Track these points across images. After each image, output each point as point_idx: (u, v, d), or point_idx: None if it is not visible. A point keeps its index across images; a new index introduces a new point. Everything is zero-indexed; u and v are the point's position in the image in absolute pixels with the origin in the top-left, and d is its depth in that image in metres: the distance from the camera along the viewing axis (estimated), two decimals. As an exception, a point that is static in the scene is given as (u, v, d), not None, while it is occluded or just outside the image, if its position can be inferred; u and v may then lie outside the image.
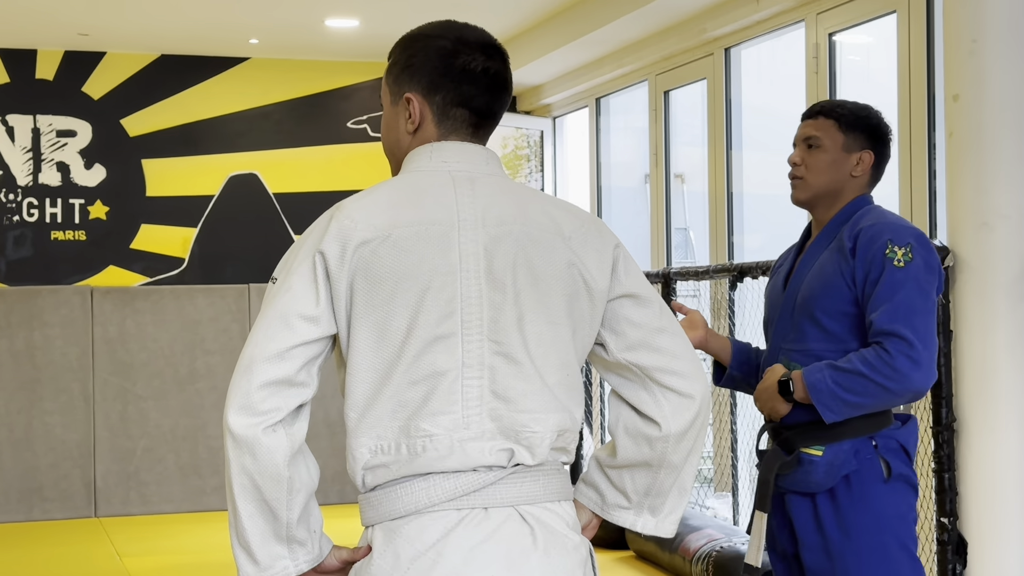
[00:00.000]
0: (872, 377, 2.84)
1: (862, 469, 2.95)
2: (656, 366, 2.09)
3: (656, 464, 2.11)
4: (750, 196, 6.96)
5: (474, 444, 1.99)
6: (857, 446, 2.94)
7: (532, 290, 2.03)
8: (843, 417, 2.89)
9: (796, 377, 2.94)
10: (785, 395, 2.96)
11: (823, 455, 2.94)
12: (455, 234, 2.02)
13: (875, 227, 2.95)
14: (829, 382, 2.88)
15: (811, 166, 3.08)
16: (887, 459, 2.95)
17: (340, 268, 1.99)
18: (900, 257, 2.89)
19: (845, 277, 2.95)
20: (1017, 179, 4.29)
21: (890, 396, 2.86)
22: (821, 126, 3.09)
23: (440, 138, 2.12)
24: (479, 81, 2.09)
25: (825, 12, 5.78)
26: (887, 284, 2.88)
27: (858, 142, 3.07)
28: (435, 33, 2.12)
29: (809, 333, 3.00)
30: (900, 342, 2.83)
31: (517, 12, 7.45)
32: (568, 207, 2.14)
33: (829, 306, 2.97)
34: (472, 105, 2.10)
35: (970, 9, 4.32)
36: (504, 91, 2.12)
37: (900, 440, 2.99)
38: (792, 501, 3.02)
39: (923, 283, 2.90)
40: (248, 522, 1.98)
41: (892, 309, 2.85)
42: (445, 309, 2.00)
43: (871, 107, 3.16)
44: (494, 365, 2.00)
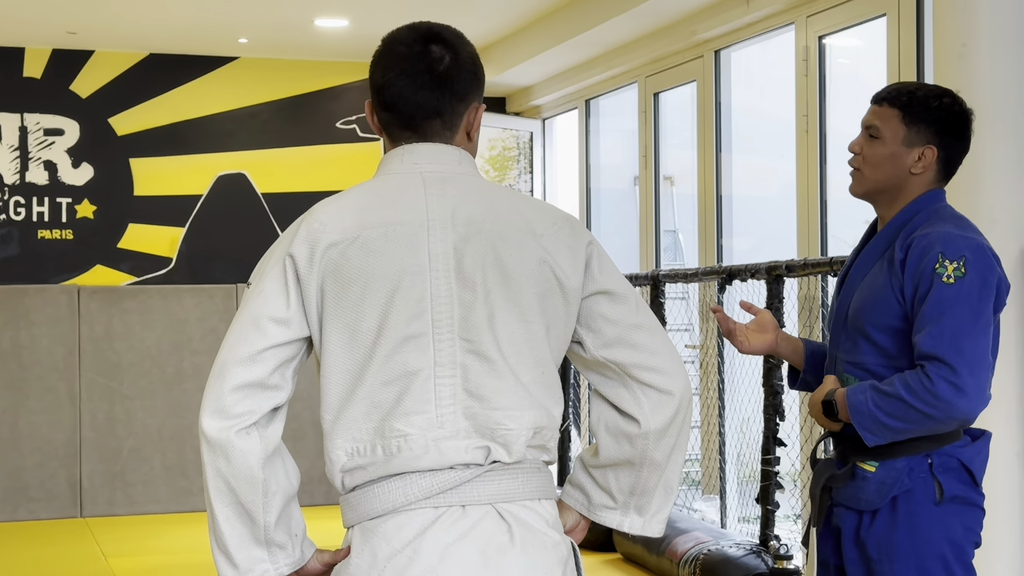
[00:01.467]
0: (912, 403, 2.66)
1: (914, 489, 2.76)
2: (634, 363, 2.08)
3: (638, 462, 2.10)
4: (739, 198, 6.96)
5: (449, 443, 1.99)
6: (912, 464, 2.76)
7: (503, 288, 2.02)
8: (886, 440, 2.72)
9: (839, 397, 2.79)
10: (829, 415, 2.81)
11: (876, 472, 2.78)
12: (424, 234, 2.02)
13: (928, 237, 2.72)
14: (871, 404, 2.71)
15: (868, 158, 2.85)
16: (941, 480, 2.75)
17: (309, 270, 2.00)
18: (951, 273, 2.67)
19: (895, 291, 2.76)
20: (1006, 182, 4.29)
21: (933, 422, 2.67)
22: (884, 115, 2.84)
23: (393, 142, 2.12)
24: (400, 80, 2.07)
25: (815, 15, 5.78)
26: (934, 302, 2.67)
27: (921, 136, 2.81)
28: (385, 37, 2.13)
29: (863, 347, 2.82)
30: (943, 367, 2.63)
31: (506, 13, 7.44)
32: (541, 205, 2.13)
33: (879, 321, 2.78)
34: (396, 107, 2.08)
35: (960, 12, 4.32)
36: (439, 85, 2.07)
37: (962, 459, 2.77)
38: (840, 513, 2.87)
39: (975, 302, 2.67)
40: (225, 525, 1.98)
41: (938, 331, 2.65)
42: (415, 309, 1.99)
43: (947, 93, 2.88)
44: (466, 364, 2.00)
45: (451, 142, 2.11)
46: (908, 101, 2.83)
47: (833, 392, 2.81)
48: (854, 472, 2.81)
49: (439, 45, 2.08)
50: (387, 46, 2.11)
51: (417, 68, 2.06)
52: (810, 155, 5.85)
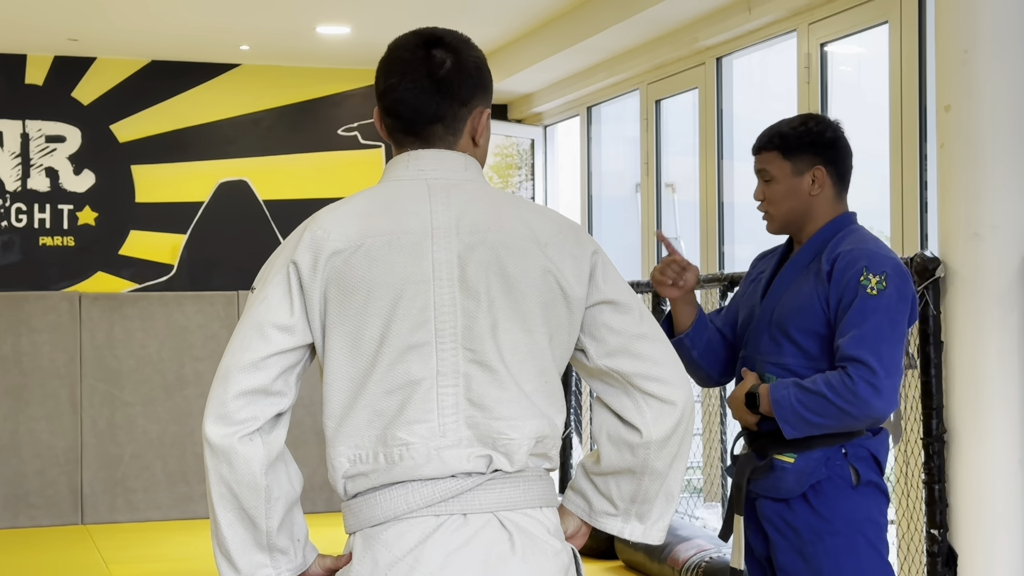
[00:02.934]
0: (833, 400, 2.90)
1: (832, 476, 3.01)
2: (637, 372, 2.08)
3: (640, 471, 2.10)
4: (741, 206, 6.95)
5: (451, 452, 1.99)
6: (828, 454, 3.00)
7: (506, 298, 2.02)
8: (803, 434, 2.96)
9: (763, 391, 3.00)
10: (751, 407, 3.02)
11: (794, 462, 3.00)
12: (428, 242, 2.02)
13: (852, 252, 2.99)
14: (792, 400, 2.94)
15: (770, 199, 3.10)
16: (856, 466, 3.01)
17: (313, 278, 2.00)
18: (874, 285, 2.93)
19: (820, 299, 3.00)
20: (1008, 189, 4.28)
21: (850, 419, 2.92)
22: (766, 159, 3.10)
23: (398, 148, 2.12)
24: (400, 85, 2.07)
25: (817, 22, 5.78)
26: (858, 310, 2.92)
27: (805, 161, 3.07)
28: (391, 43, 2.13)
29: (785, 348, 3.05)
30: (864, 368, 2.89)
31: (508, 20, 7.45)
32: (546, 213, 2.12)
33: (803, 325, 3.02)
34: (398, 112, 2.09)
35: (962, 19, 4.31)
36: (439, 90, 2.07)
37: (871, 449, 3.04)
38: (764, 506, 3.08)
39: (894, 313, 2.94)
40: (228, 531, 1.98)
41: (860, 336, 2.90)
42: (418, 318, 1.99)
43: (811, 118, 3.16)
44: (469, 373, 2.00)
45: (455, 147, 2.10)
46: (780, 139, 3.10)
47: (757, 386, 3.02)
48: (772, 464, 3.03)
49: (441, 49, 2.07)
50: (391, 52, 2.11)
51: (418, 73, 2.06)
52: (812, 162, 5.83)
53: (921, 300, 4.32)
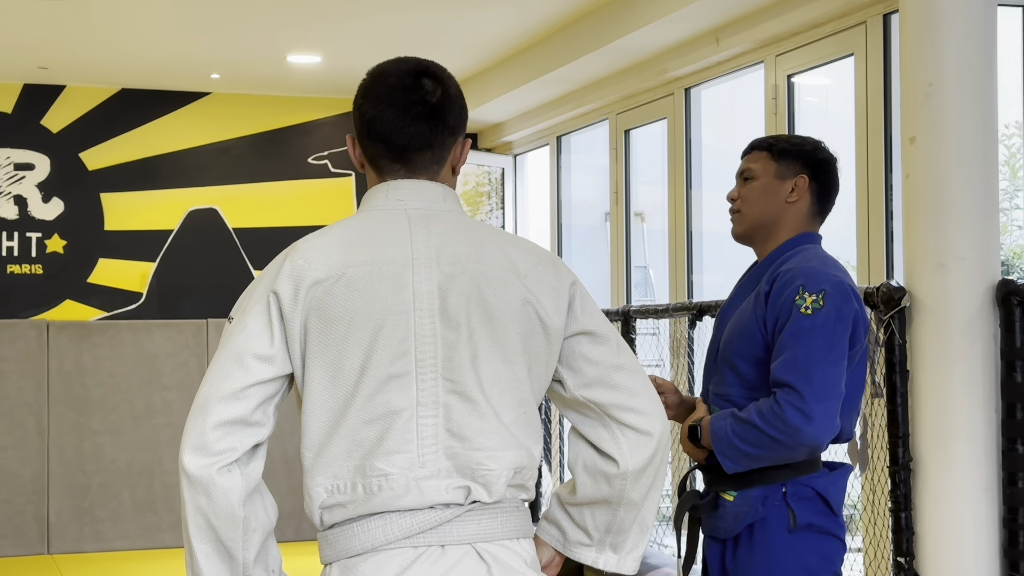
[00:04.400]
0: (764, 429, 2.75)
1: (768, 517, 2.84)
2: (614, 403, 2.09)
3: (616, 501, 2.11)
4: (709, 235, 6.99)
5: (430, 482, 2.00)
6: (767, 493, 2.83)
7: (486, 328, 2.03)
8: (743, 468, 2.81)
9: (704, 424, 2.86)
10: (694, 441, 2.89)
11: (733, 501, 2.85)
12: (409, 273, 2.02)
13: (791, 271, 2.84)
14: (728, 431, 2.80)
15: (746, 197, 3.00)
16: (794, 508, 2.83)
17: (294, 308, 2.00)
18: (809, 304, 2.78)
19: (759, 323, 2.86)
20: (972, 221, 4.30)
21: (784, 448, 2.76)
22: (754, 158, 3.02)
23: (379, 176, 2.12)
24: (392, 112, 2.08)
25: (784, 54, 5.83)
26: (791, 332, 2.77)
27: (791, 168, 2.97)
28: (372, 70, 2.14)
29: (728, 378, 2.92)
30: (792, 394, 2.73)
31: (478, 50, 7.47)
32: (524, 244, 2.14)
33: (745, 352, 2.88)
34: (389, 138, 2.09)
35: (927, 53, 4.34)
36: (432, 117, 2.08)
37: (817, 488, 2.87)
38: (708, 544, 2.94)
39: (830, 334, 2.78)
40: (204, 562, 1.98)
41: (791, 359, 2.75)
42: (399, 348, 2.00)
43: (812, 139, 3.07)
44: (449, 403, 2.01)
45: (438, 176, 2.12)
46: (774, 142, 3.03)
47: (700, 420, 2.89)
48: (716, 502, 2.88)
49: (430, 79, 2.09)
50: (376, 79, 2.11)
51: (411, 99, 2.07)
52: (779, 192, 5.87)
53: (887, 329, 4.35)
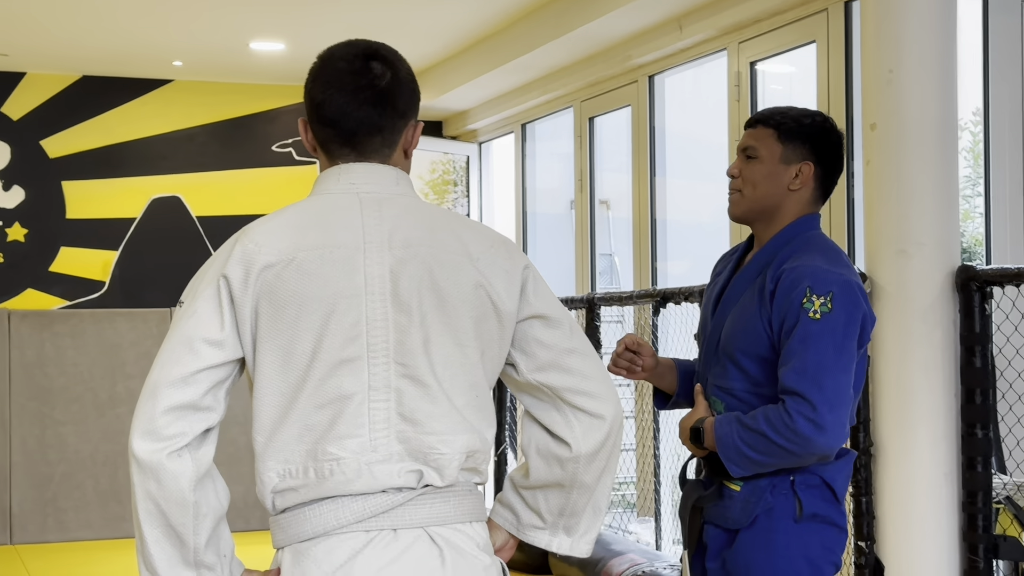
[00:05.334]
0: (773, 439, 2.69)
1: (776, 506, 2.81)
2: (566, 387, 2.10)
3: (568, 484, 2.12)
4: (674, 223, 7.00)
5: (382, 467, 1.99)
6: (775, 482, 2.80)
7: (438, 312, 2.03)
8: (750, 472, 2.77)
9: (707, 427, 2.82)
10: (696, 442, 2.85)
11: (740, 490, 2.82)
12: (360, 257, 2.01)
13: (796, 271, 2.75)
14: (735, 437, 2.75)
15: (747, 178, 2.88)
16: (801, 497, 2.80)
17: (244, 292, 1.99)
18: (817, 308, 2.70)
19: (763, 321, 2.78)
20: (932, 207, 4.32)
21: (794, 457, 2.72)
22: (759, 135, 2.89)
23: (330, 160, 2.12)
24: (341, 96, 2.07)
25: (747, 41, 5.85)
26: (800, 337, 2.69)
27: (798, 153, 2.86)
28: (322, 54, 2.13)
29: (731, 372, 2.86)
30: (803, 403, 2.67)
31: (442, 38, 7.46)
32: (478, 228, 2.13)
33: (748, 349, 2.82)
34: (337, 123, 2.08)
35: (887, 40, 4.35)
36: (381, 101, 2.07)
37: (824, 476, 2.83)
38: (710, 532, 2.91)
39: (840, 338, 2.71)
40: (154, 547, 1.97)
41: (801, 366, 2.68)
42: (350, 332, 1.99)
43: (819, 114, 2.94)
44: (400, 388, 2.00)
45: (389, 159, 2.11)
46: (782, 120, 2.88)
47: (703, 420, 2.84)
48: (721, 491, 2.84)
49: (379, 62, 2.08)
50: (325, 62, 2.10)
51: (359, 84, 2.06)
52: (742, 179, 5.89)
53: (848, 315, 4.36)
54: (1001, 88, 5.03)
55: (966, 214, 9.19)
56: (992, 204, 5.07)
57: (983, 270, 4.26)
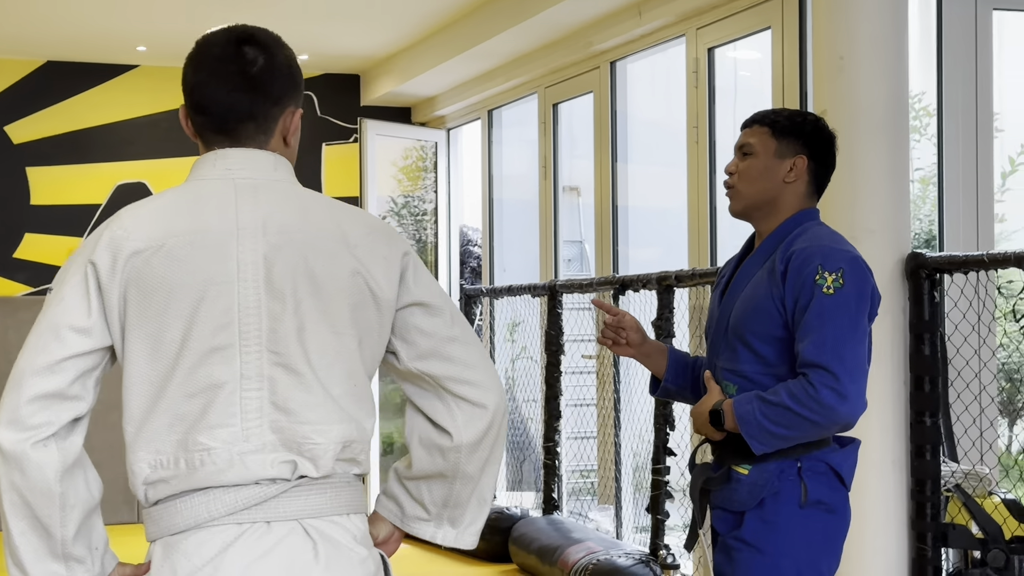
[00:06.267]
0: (797, 411, 2.76)
1: (782, 491, 2.88)
2: (448, 375, 2.07)
3: (451, 475, 2.09)
4: (639, 209, 6.98)
5: (255, 457, 1.96)
6: (783, 467, 2.88)
7: (314, 299, 1.99)
8: (773, 448, 2.83)
9: (727, 408, 2.89)
10: (716, 425, 2.91)
11: (748, 474, 2.89)
12: (233, 243, 1.98)
13: (807, 250, 2.86)
14: (757, 414, 2.81)
15: (743, 174, 3.01)
16: (808, 483, 2.88)
17: (111, 279, 1.96)
18: (830, 284, 2.80)
19: (775, 301, 2.88)
20: (883, 194, 4.32)
21: (818, 428, 2.80)
22: (755, 133, 3.02)
23: (207, 147, 2.09)
24: (211, 82, 2.04)
25: (704, 27, 5.82)
26: (815, 312, 2.80)
27: (791, 147, 2.99)
28: (199, 39, 2.11)
29: (742, 355, 2.94)
30: (825, 375, 2.75)
31: (406, 23, 7.42)
32: (357, 214, 2.10)
33: (760, 330, 2.90)
34: (208, 110, 2.05)
35: (838, 26, 4.34)
36: (252, 87, 2.04)
37: (831, 463, 2.91)
38: (717, 515, 2.98)
39: (853, 312, 2.81)
40: (20, 539, 1.93)
41: (820, 340, 2.77)
42: (221, 319, 1.96)
43: (811, 114, 3.11)
44: (274, 376, 1.97)
45: (266, 146, 2.08)
46: (776, 118, 3.04)
47: (721, 402, 2.92)
48: (729, 475, 2.92)
49: (253, 47, 2.05)
50: (200, 48, 2.08)
51: (229, 70, 2.03)
52: (700, 165, 5.89)
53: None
54: (954, 82, 5.03)
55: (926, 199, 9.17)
56: (945, 193, 5.05)
57: (932, 257, 4.28)
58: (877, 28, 4.34)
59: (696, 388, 3.17)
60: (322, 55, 8.19)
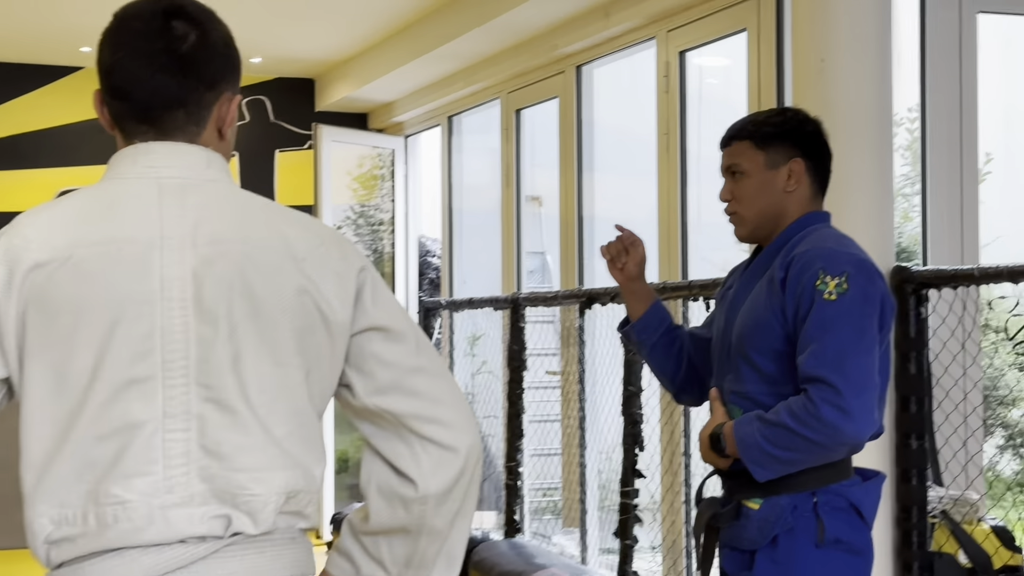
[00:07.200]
0: (798, 431, 2.53)
1: (796, 528, 2.63)
2: (412, 413, 1.76)
3: (415, 530, 1.78)
4: (602, 220, 6.79)
5: (179, 511, 1.66)
6: (796, 502, 2.63)
7: (252, 323, 1.69)
8: (777, 474, 2.60)
9: (727, 432, 2.66)
10: (717, 450, 2.68)
11: (759, 509, 2.65)
12: (156, 255, 1.68)
13: (808, 254, 2.63)
14: (757, 436, 2.58)
15: (740, 197, 2.78)
16: (825, 520, 2.63)
17: (7, 297, 1.66)
18: (832, 289, 2.57)
19: (776, 312, 2.64)
20: (866, 203, 4.17)
21: (823, 450, 2.56)
22: (737, 151, 2.79)
23: (126, 140, 1.78)
24: (133, 61, 1.74)
25: (675, 29, 5.62)
26: (816, 321, 2.56)
27: (782, 153, 2.76)
28: (118, 11, 1.79)
29: (745, 374, 2.70)
30: (826, 389, 2.51)
31: (362, 25, 7.21)
32: (306, 222, 1.79)
33: (762, 345, 2.66)
34: (128, 94, 1.76)
35: (819, 26, 4.21)
36: (181, 68, 1.74)
37: (852, 498, 2.66)
38: (726, 555, 2.74)
39: (859, 318, 2.57)
40: None
41: (820, 351, 2.53)
42: (141, 347, 1.66)
43: (788, 109, 2.89)
44: (203, 414, 1.67)
45: (198, 139, 1.78)
46: (753, 128, 2.80)
47: (721, 426, 2.68)
48: (739, 511, 2.69)
49: (183, 21, 1.74)
50: (119, 21, 1.76)
51: (155, 47, 1.73)
52: (671, 175, 5.68)
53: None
54: (937, 87, 4.87)
55: (905, 214, 9.05)
56: (929, 204, 4.90)
57: (919, 271, 4.10)
58: (860, 27, 4.21)
59: (658, 354, 2.97)
60: (275, 58, 8.00)
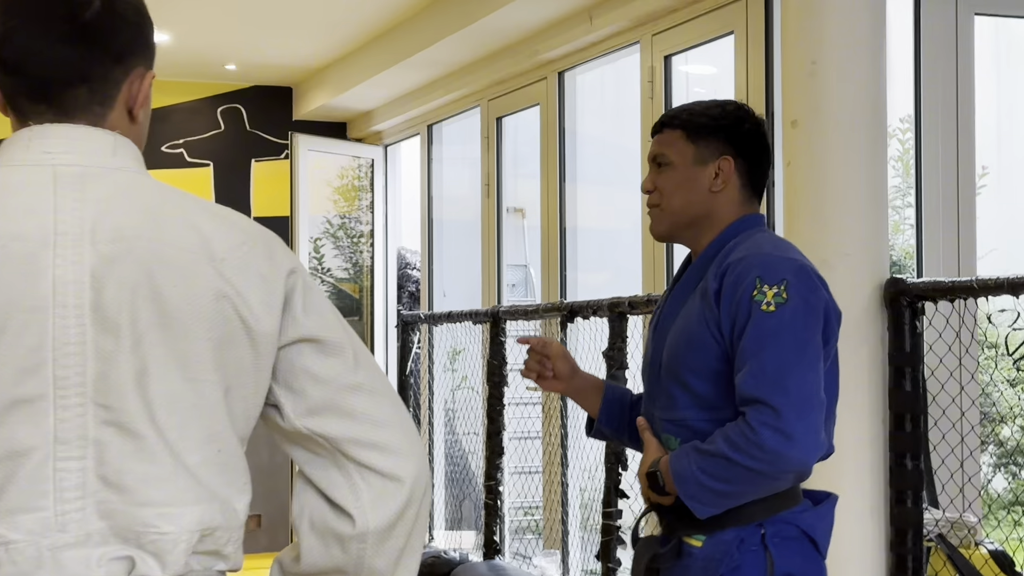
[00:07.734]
0: (737, 460, 2.30)
1: (743, 566, 2.41)
2: (349, 437, 1.55)
3: (353, 571, 1.57)
4: (586, 231, 6.63)
5: (73, 553, 1.44)
6: (743, 535, 2.41)
7: (161, 333, 1.48)
8: (719, 509, 2.37)
9: (663, 467, 2.41)
10: (656, 489, 2.43)
11: (702, 547, 2.42)
12: (48, 254, 1.47)
13: (743, 262, 2.41)
14: (694, 469, 2.35)
15: (663, 189, 2.55)
16: (774, 552, 2.40)
17: None
18: (770, 299, 2.34)
19: (711, 327, 2.41)
20: (858, 213, 4.03)
21: (766, 479, 2.33)
22: (666, 140, 2.57)
23: (20, 121, 1.57)
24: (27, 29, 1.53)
25: (660, 33, 5.46)
26: (754, 336, 2.33)
27: (712, 149, 2.53)
28: None
29: (679, 399, 2.47)
30: (765, 412, 2.28)
31: (340, 31, 7.06)
32: (226, 217, 1.58)
33: (696, 364, 2.43)
34: (22, 68, 1.54)
35: (809, 29, 4.09)
36: (85, 38, 1.54)
37: (803, 526, 2.44)
38: None
39: (800, 331, 2.35)
40: None
41: (759, 369, 2.31)
42: (28, 361, 1.45)
43: (730, 102, 2.64)
44: (102, 440, 1.45)
45: (104, 122, 1.57)
46: (688, 118, 2.57)
47: (658, 461, 2.43)
48: (680, 549, 2.45)
49: None
50: None
51: (54, 13, 1.53)
52: (656, 184, 5.50)
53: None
54: (933, 93, 4.73)
55: (896, 225, 8.90)
56: (924, 214, 4.75)
57: (914, 283, 3.97)
58: (850, 31, 4.08)
59: (635, 432, 2.65)
60: (251, 65, 7.85)
